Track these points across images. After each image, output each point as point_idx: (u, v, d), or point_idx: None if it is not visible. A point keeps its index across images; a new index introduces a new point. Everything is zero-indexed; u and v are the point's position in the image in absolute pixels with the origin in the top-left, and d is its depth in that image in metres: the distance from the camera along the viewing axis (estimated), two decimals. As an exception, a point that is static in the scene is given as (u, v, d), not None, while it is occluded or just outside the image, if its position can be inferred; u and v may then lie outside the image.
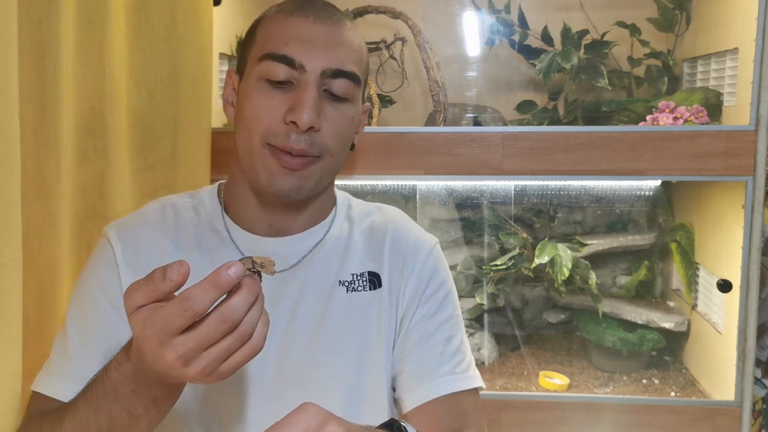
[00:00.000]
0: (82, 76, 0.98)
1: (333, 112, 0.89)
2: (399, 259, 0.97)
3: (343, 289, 0.94)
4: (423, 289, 0.96)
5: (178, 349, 0.62)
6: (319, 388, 0.90)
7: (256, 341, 0.65)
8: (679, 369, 1.66)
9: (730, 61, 1.48)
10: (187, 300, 0.61)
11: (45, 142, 0.89)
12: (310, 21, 0.89)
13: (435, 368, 0.93)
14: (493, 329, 1.74)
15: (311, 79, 0.86)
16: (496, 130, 1.41)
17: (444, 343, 0.94)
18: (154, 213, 0.95)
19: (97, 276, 0.90)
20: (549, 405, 1.45)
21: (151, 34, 1.16)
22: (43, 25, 0.86)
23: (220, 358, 0.64)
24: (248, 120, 0.88)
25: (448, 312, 0.97)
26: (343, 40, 0.90)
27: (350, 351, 0.92)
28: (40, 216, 0.89)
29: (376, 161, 1.41)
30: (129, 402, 0.71)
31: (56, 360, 0.88)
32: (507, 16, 1.64)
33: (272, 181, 0.87)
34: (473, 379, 0.95)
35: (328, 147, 0.88)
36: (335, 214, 1.00)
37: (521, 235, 1.66)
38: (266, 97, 0.87)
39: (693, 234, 1.66)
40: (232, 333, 0.63)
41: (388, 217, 1.02)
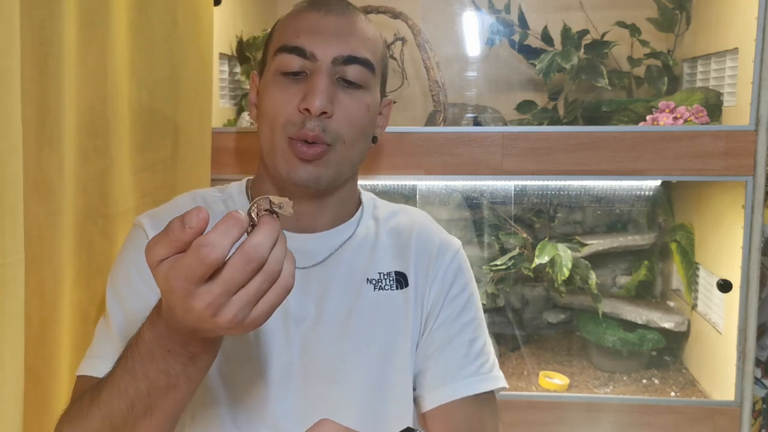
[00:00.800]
0: (83, 76, 0.98)
1: (346, 98, 0.90)
2: (425, 261, 0.99)
3: (370, 287, 0.96)
4: (447, 290, 0.98)
5: (206, 297, 0.60)
6: (344, 384, 0.91)
7: (285, 279, 0.63)
8: (679, 369, 1.66)
9: (730, 61, 1.48)
10: (204, 246, 0.59)
11: (47, 142, 0.89)
12: (321, 14, 0.91)
13: (458, 369, 0.94)
14: (493, 329, 1.74)
15: (323, 67, 0.88)
16: (496, 130, 1.41)
17: (468, 345, 0.96)
18: (185, 204, 0.97)
19: (133, 261, 0.91)
20: (549, 405, 1.46)
21: (152, 34, 1.16)
22: (45, 25, 0.86)
23: (251, 302, 0.61)
24: (268, 114, 0.90)
25: (471, 314, 0.98)
26: (354, 29, 0.92)
27: (376, 348, 0.93)
28: (41, 216, 0.89)
29: (377, 161, 1.41)
30: (166, 362, 0.68)
31: (99, 343, 0.89)
32: (507, 16, 1.64)
33: (291, 172, 0.89)
34: (497, 379, 0.96)
35: (340, 133, 0.89)
36: (362, 213, 1.01)
37: (521, 235, 1.66)
38: (282, 89, 0.89)
39: (693, 234, 1.66)
40: (260, 273, 0.61)
41: (413, 219, 1.03)
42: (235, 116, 1.67)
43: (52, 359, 0.93)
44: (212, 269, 0.59)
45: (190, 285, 0.60)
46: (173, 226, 0.61)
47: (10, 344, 0.76)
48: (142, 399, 0.71)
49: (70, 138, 0.94)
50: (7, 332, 0.75)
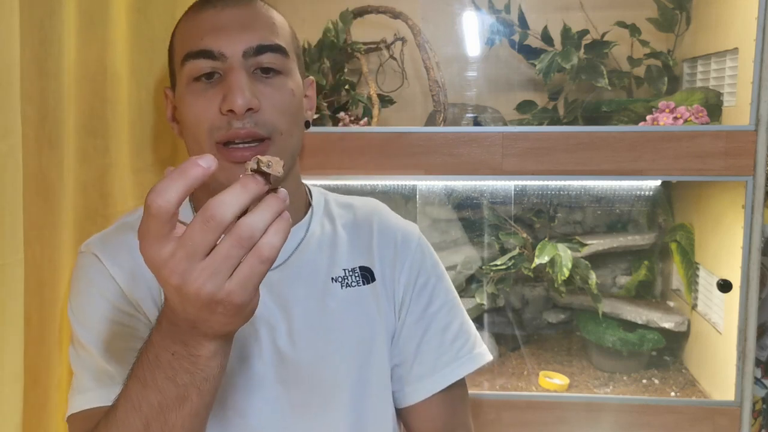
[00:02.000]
0: (83, 76, 0.98)
1: (269, 89, 0.87)
2: (390, 252, 0.97)
3: (337, 286, 0.94)
4: (414, 279, 0.97)
5: (170, 262, 0.56)
6: (324, 388, 0.90)
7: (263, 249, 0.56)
8: (679, 369, 1.66)
9: (730, 61, 1.48)
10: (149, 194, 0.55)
11: (46, 142, 0.89)
12: (217, 10, 0.88)
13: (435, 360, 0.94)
14: (493, 329, 1.74)
15: (235, 64, 0.85)
16: (496, 130, 1.41)
17: (442, 333, 0.96)
18: (135, 222, 0.91)
19: (93, 285, 0.88)
20: (549, 405, 1.45)
21: (152, 34, 1.16)
22: (44, 25, 0.86)
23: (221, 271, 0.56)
24: (191, 125, 0.87)
25: (440, 299, 0.98)
26: (257, 17, 0.89)
27: (352, 347, 0.92)
28: (41, 216, 0.89)
29: (376, 161, 1.41)
30: (172, 369, 0.65)
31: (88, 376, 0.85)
32: (507, 16, 1.64)
33: (231, 177, 0.84)
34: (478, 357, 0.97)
35: (275, 125, 0.86)
36: (312, 212, 0.99)
37: (521, 235, 1.66)
38: (198, 96, 0.86)
39: (693, 234, 1.66)
40: (228, 237, 0.56)
41: (371, 210, 1.01)
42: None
43: (52, 360, 0.93)
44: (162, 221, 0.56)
45: (151, 246, 0.56)
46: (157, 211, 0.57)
47: (10, 344, 0.76)
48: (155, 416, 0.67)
49: (69, 138, 0.94)
50: (7, 332, 0.75)
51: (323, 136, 1.40)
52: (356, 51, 1.60)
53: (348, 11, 1.58)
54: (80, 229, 0.99)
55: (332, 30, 1.56)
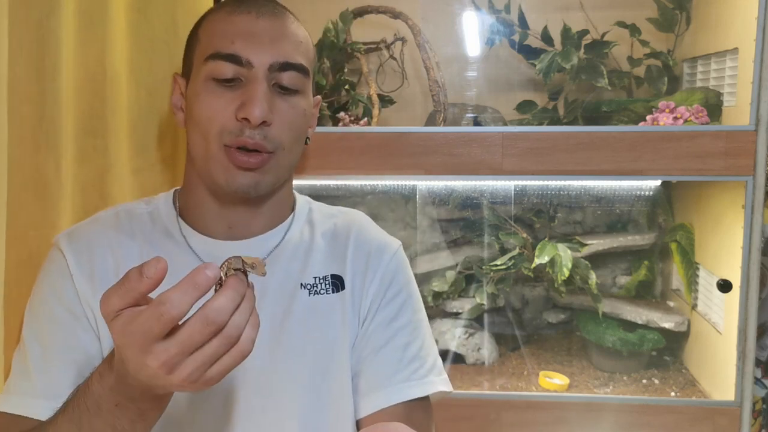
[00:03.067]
0: (82, 76, 0.98)
1: (284, 105, 0.88)
2: (362, 262, 0.96)
3: (305, 292, 0.93)
4: (384, 291, 0.95)
5: (161, 355, 0.59)
6: (282, 395, 0.88)
7: (243, 345, 0.62)
8: (679, 369, 1.66)
9: (730, 61, 1.48)
10: (163, 304, 0.58)
11: (45, 143, 0.89)
12: (252, 17, 0.88)
13: (391, 375, 0.91)
14: (493, 329, 1.74)
15: (259, 75, 0.86)
16: (496, 130, 1.41)
17: (402, 350, 0.93)
18: (108, 219, 0.93)
19: (51, 287, 0.88)
20: (549, 405, 1.45)
21: (152, 34, 1.16)
22: (43, 25, 0.86)
23: (206, 363, 0.61)
24: (201, 122, 0.87)
25: (406, 317, 0.95)
26: (287, 33, 0.90)
27: (313, 354, 0.90)
28: (40, 216, 0.89)
29: (376, 161, 1.41)
30: (113, 416, 0.68)
31: (18, 378, 0.85)
32: (507, 16, 1.64)
33: (231, 180, 0.87)
34: (431, 384, 0.92)
35: (281, 141, 0.88)
36: (294, 217, 0.98)
37: (521, 235, 1.66)
38: (216, 96, 0.86)
39: (693, 234, 1.66)
40: (218, 336, 0.60)
41: (351, 220, 1.00)
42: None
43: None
44: (170, 327, 0.59)
45: (146, 341, 0.59)
46: (130, 276, 0.60)
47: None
48: None
49: (68, 138, 0.94)
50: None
51: (323, 136, 1.40)
52: (356, 51, 1.60)
53: (348, 11, 1.58)
54: (80, 229, 0.99)
55: (332, 30, 1.56)
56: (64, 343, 0.85)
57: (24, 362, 0.85)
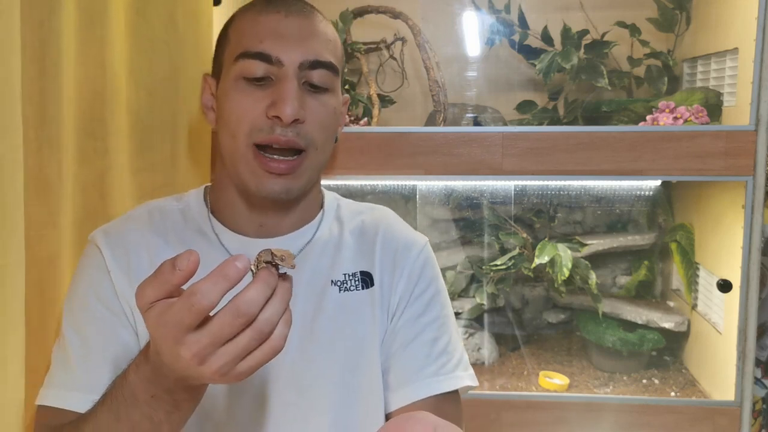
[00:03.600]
0: (82, 76, 0.98)
1: (314, 103, 0.89)
2: (390, 258, 0.97)
3: (335, 289, 0.94)
4: (412, 288, 0.96)
5: (193, 346, 0.60)
6: (314, 390, 0.90)
7: (275, 341, 0.62)
8: (679, 369, 1.66)
9: (730, 61, 1.48)
10: (194, 295, 0.59)
11: (46, 143, 0.89)
12: (281, 16, 0.89)
13: (420, 369, 0.92)
14: (493, 329, 1.74)
15: (290, 73, 0.86)
16: (496, 130, 1.41)
17: (430, 344, 0.94)
18: (141, 216, 0.95)
19: (89, 282, 0.89)
20: (549, 405, 1.46)
21: (151, 35, 1.15)
22: (44, 26, 0.86)
23: (237, 356, 0.61)
24: (231, 121, 0.88)
25: (435, 312, 0.96)
26: (316, 31, 0.90)
27: (343, 350, 0.92)
28: (41, 216, 0.89)
29: (376, 161, 1.41)
30: (150, 407, 0.69)
31: (58, 371, 0.87)
32: (507, 16, 1.64)
33: (261, 185, 0.87)
34: (458, 379, 0.93)
35: (313, 138, 0.88)
36: (323, 215, 0.99)
37: (521, 235, 1.66)
38: (246, 95, 0.87)
39: (693, 234, 1.66)
40: (248, 329, 0.61)
41: (379, 217, 1.01)
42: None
43: (52, 359, 0.93)
44: (201, 317, 0.60)
45: (179, 332, 0.60)
46: (163, 268, 0.61)
47: (11, 344, 0.76)
48: None
49: (69, 138, 0.94)
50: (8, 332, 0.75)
51: (323, 136, 1.39)
52: (356, 51, 1.60)
53: (348, 11, 1.58)
54: (80, 229, 0.99)
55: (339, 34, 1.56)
56: (102, 337, 0.87)
57: (65, 356, 0.87)
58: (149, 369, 0.67)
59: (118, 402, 0.71)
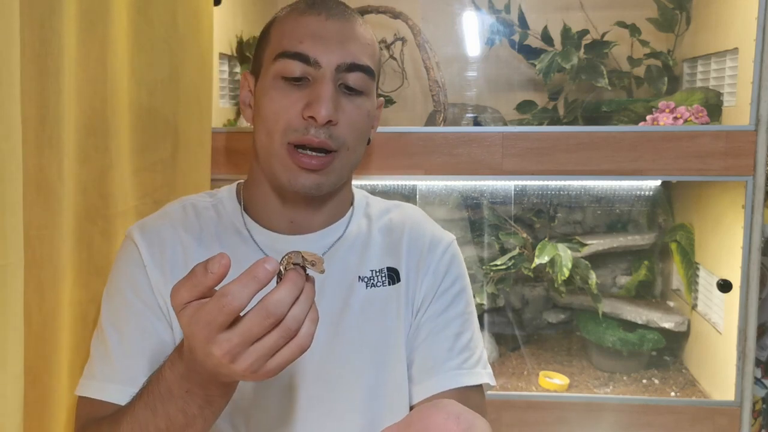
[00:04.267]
0: (83, 76, 0.98)
1: (349, 105, 0.90)
2: (416, 255, 0.98)
3: (362, 285, 0.95)
4: (438, 284, 0.97)
5: (224, 345, 0.63)
6: (341, 385, 0.91)
7: (302, 339, 0.65)
8: (679, 369, 1.66)
9: (730, 61, 1.48)
10: (225, 296, 0.61)
11: (47, 142, 0.89)
12: (322, 18, 0.91)
13: (443, 363, 0.94)
14: (493, 329, 1.74)
15: (327, 74, 0.88)
16: (496, 130, 1.41)
17: (453, 339, 0.95)
18: (175, 212, 0.97)
19: (126, 277, 0.92)
20: (549, 405, 1.46)
21: (152, 34, 1.15)
22: (45, 25, 0.86)
23: (266, 355, 0.64)
24: (267, 119, 0.90)
25: (460, 308, 0.98)
26: (355, 34, 0.92)
27: (370, 346, 0.93)
28: (41, 216, 0.89)
29: (376, 161, 1.41)
30: (184, 402, 0.72)
31: (98, 363, 0.90)
32: (507, 16, 1.64)
33: (293, 180, 0.89)
34: (480, 375, 0.95)
35: (345, 140, 0.90)
36: (353, 212, 1.01)
37: (521, 235, 1.66)
38: (283, 94, 0.89)
39: (693, 234, 1.66)
40: (277, 329, 0.63)
41: (406, 215, 1.03)
42: (235, 116, 1.67)
43: (52, 359, 0.93)
44: (232, 317, 0.62)
45: (210, 331, 0.63)
46: (196, 271, 0.64)
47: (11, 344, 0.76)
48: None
49: (69, 138, 0.94)
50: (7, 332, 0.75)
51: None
52: (356, 51, 1.60)
53: (348, 11, 1.58)
54: (80, 229, 0.99)
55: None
56: (140, 330, 0.90)
57: (104, 349, 0.90)
58: (183, 366, 0.70)
59: (154, 397, 0.74)
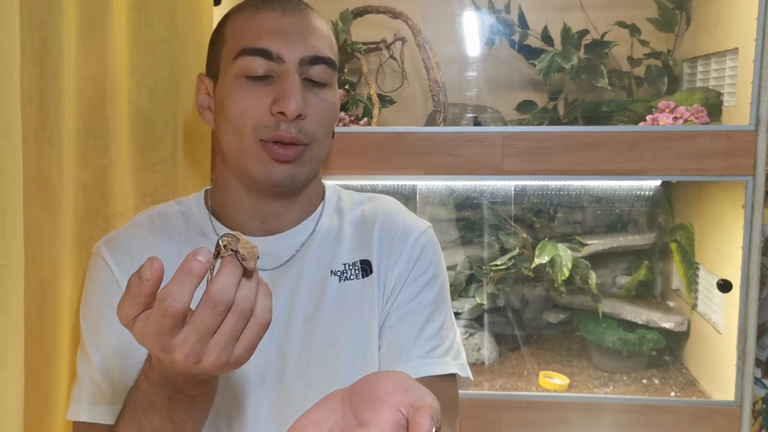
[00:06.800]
0: (83, 76, 0.98)
1: (314, 98, 0.90)
2: (387, 244, 0.97)
3: (335, 279, 0.94)
4: (409, 272, 0.96)
5: (184, 347, 0.61)
6: (319, 380, 0.90)
7: (260, 315, 0.63)
8: (679, 369, 1.66)
9: (730, 61, 1.48)
10: (165, 299, 0.60)
11: (47, 142, 0.89)
12: (278, 14, 0.90)
13: (408, 350, 0.91)
14: (493, 329, 1.74)
15: (291, 69, 0.88)
16: (496, 130, 1.41)
17: (421, 327, 0.93)
18: (142, 223, 0.97)
19: (100, 293, 0.91)
20: (549, 405, 1.46)
21: (152, 34, 1.15)
22: (44, 25, 0.86)
23: (229, 343, 0.62)
24: (234, 119, 0.89)
25: (431, 296, 0.95)
26: (314, 28, 0.92)
27: (346, 340, 0.92)
28: (41, 216, 0.89)
29: (376, 161, 1.41)
30: (168, 409, 0.70)
31: (85, 384, 0.89)
32: (507, 16, 1.64)
33: (269, 173, 0.89)
34: (449, 365, 0.92)
35: (315, 133, 0.90)
36: (323, 207, 1.00)
37: (521, 235, 1.66)
38: (249, 93, 0.88)
39: (693, 234, 1.66)
40: (230, 314, 0.61)
41: (379, 206, 1.01)
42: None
43: (52, 359, 0.93)
44: (179, 319, 0.60)
45: (164, 338, 0.61)
46: (131, 282, 0.62)
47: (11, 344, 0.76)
48: None
49: (69, 138, 0.94)
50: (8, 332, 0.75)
51: (323, 136, 1.39)
52: (356, 51, 1.60)
53: (348, 11, 1.58)
54: (80, 229, 0.99)
55: (332, 30, 1.56)
56: (122, 346, 0.88)
57: (89, 369, 0.89)
58: (156, 375, 0.69)
59: (137, 412, 0.72)
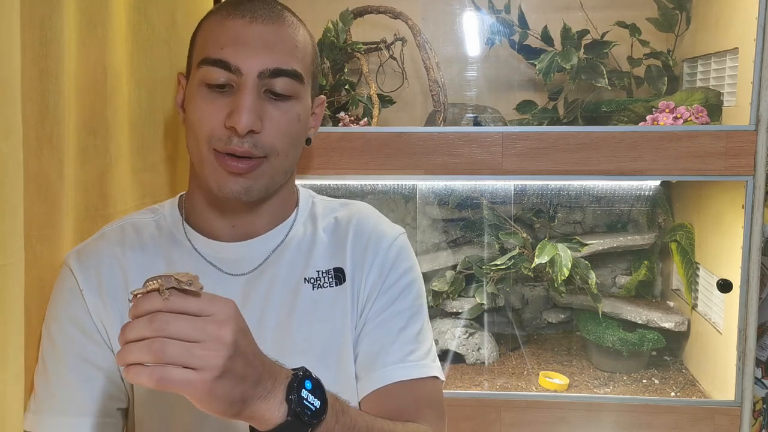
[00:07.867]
0: (83, 76, 0.98)
1: (276, 111, 0.88)
2: (360, 252, 0.96)
3: (308, 287, 0.94)
4: (384, 279, 0.95)
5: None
6: None
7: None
8: (679, 369, 1.66)
9: (730, 61, 1.48)
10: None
11: (47, 142, 0.89)
12: (246, 22, 0.87)
13: (385, 356, 0.91)
14: (493, 329, 1.74)
15: (248, 82, 0.85)
16: (496, 130, 1.41)
17: (398, 332, 0.93)
18: (113, 233, 0.95)
19: (63, 305, 0.90)
20: (549, 405, 1.46)
21: (152, 34, 1.16)
22: (45, 25, 0.86)
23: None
24: (194, 125, 0.88)
25: (407, 302, 0.95)
26: (282, 38, 0.88)
27: (318, 347, 0.91)
28: (42, 216, 0.89)
29: (376, 161, 1.41)
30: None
31: (41, 396, 0.88)
32: (507, 16, 1.64)
33: (222, 185, 0.87)
34: (425, 368, 0.92)
35: (273, 146, 0.88)
36: (297, 214, 0.99)
37: (521, 235, 1.66)
38: (207, 102, 0.87)
39: (693, 234, 1.66)
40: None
41: (352, 212, 1.00)
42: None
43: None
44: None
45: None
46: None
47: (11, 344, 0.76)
48: None
49: (70, 138, 0.94)
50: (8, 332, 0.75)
51: (323, 136, 1.40)
52: (356, 51, 1.60)
53: (348, 11, 1.58)
54: (80, 229, 0.99)
55: (332, 30, 1.56)
56: (79, 360, 0.88)
57: (46, 381, 0.88)
58: None
59: None
